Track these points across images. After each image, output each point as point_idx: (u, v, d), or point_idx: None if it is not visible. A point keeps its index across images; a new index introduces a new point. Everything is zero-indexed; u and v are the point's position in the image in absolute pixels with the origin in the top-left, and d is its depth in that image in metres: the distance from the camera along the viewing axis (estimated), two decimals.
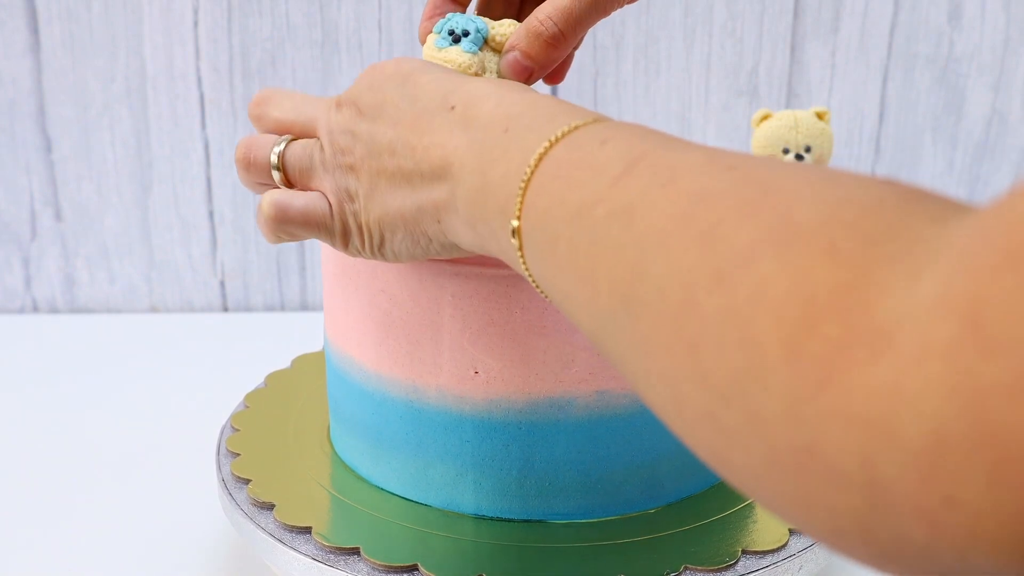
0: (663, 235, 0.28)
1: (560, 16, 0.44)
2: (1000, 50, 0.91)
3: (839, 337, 0.23)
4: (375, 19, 0.87)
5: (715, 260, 0.26)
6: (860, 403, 0.22)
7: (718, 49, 0.90)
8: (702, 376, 0.26)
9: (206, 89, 0.88)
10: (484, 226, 0.36)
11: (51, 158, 0.89)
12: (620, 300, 0.29)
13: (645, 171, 0.31)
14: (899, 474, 0.21)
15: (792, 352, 0.23)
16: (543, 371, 0.47)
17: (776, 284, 0.24)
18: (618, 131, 0.34)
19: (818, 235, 0.25)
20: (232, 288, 0.94)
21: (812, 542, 0.48)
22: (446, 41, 0.45)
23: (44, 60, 0.87)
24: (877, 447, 0.21)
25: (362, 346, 0.51)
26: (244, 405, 0.61)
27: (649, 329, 0.28)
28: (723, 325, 0.25)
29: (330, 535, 0.48)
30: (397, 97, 0.40)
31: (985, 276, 0.20)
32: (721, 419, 0.25)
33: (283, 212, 0.43)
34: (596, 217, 0.31)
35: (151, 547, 0.58)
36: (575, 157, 0.33)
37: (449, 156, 0.38)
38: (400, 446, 0.51)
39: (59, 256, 0.92)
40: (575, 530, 0.49)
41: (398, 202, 0.40)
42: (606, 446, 0.48)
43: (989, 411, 0.20)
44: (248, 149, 0.45)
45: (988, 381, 0.20)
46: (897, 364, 0.21)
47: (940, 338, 0.21)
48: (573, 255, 0.32)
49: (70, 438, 0.70)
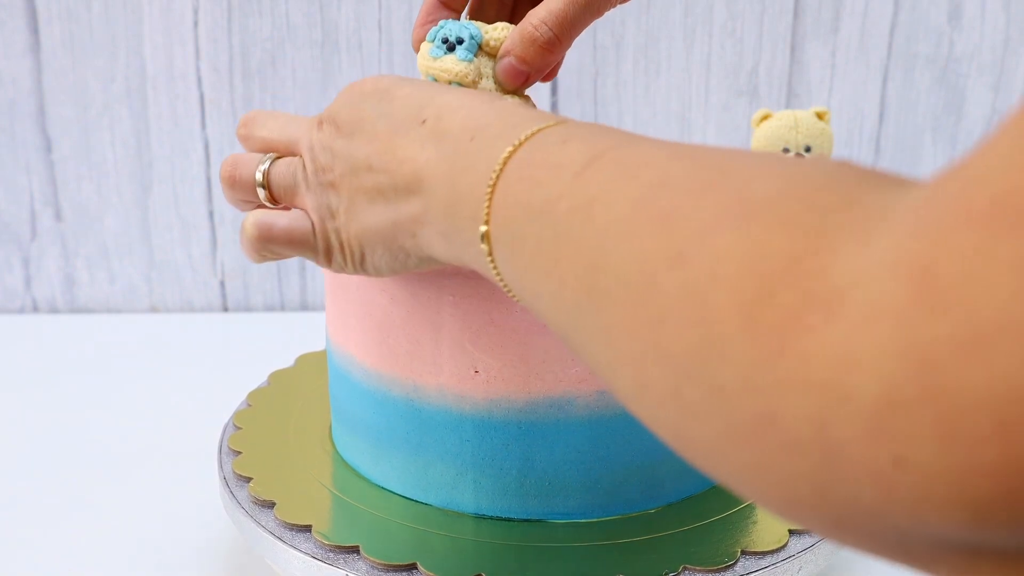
0: (623, 222, 0.29)
1: (554, 20, 0.44)
2: (1000, 50, 0.91)
3: (794, 304, 0.23)
4: (375, 19, 0.87)
5: (674, 240, 0.27)
6: (814, 368, 0.22)
7: (718, 49, 0.90)
8: (664, 354, 0.26)
9: (206, 89, 0.89)
10: (457, 236, 0.37)
11: (51, 158, 0.89)
12: (584, 291, 0.30)
13: (606, 165, 0.31)
14: (851, 436, 0.21)
15: (749, 322, 0.24)
16: (543, 371, 0.47)
17: (733, 257, 0.25)
18: (580, 130, 0.34)
19: (773, 208, 0.25)
20: (232, 288, 0.94)
21: (812, 543, 0.48)
22: (441, 50, 0.45)
23: (44, 60, 0.87)
24: (831, 410, 0.22)
25: (363, 345, 0.51)
26: (247, 403, 0.61)
27: (612, 315, 0.28)
28: (683, 302, 0.26)
29: (330, 534, 0.48)
30: (374, 114, 0.41)
31: (934, 237, 0.21)
32: (683, 395, 0.26)
33: (267, 232, 0.44)
34: (559, 212, 0.31)
35: (153, 546, 0.59)
36: (538, 158, 0.34)
37: (421, 170, 0.38)
38: (400, 445, 0.51)
39: (59, 256, 0.92)
40: (575, 530, 0.49)
41: (376, 218, 0.41)
42: (606, 446, 0.48)
43: (938, 370, 0.20)
44: (234, 167, 0.46)
45: (937, 340, 0.20)
46: (849, 326, 0.21)
47: (890, 299, 0.21)
48: (538, 252, 0.32)
49: (70, 438, 0.70)
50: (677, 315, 0.26)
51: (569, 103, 0.91)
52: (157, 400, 0.76)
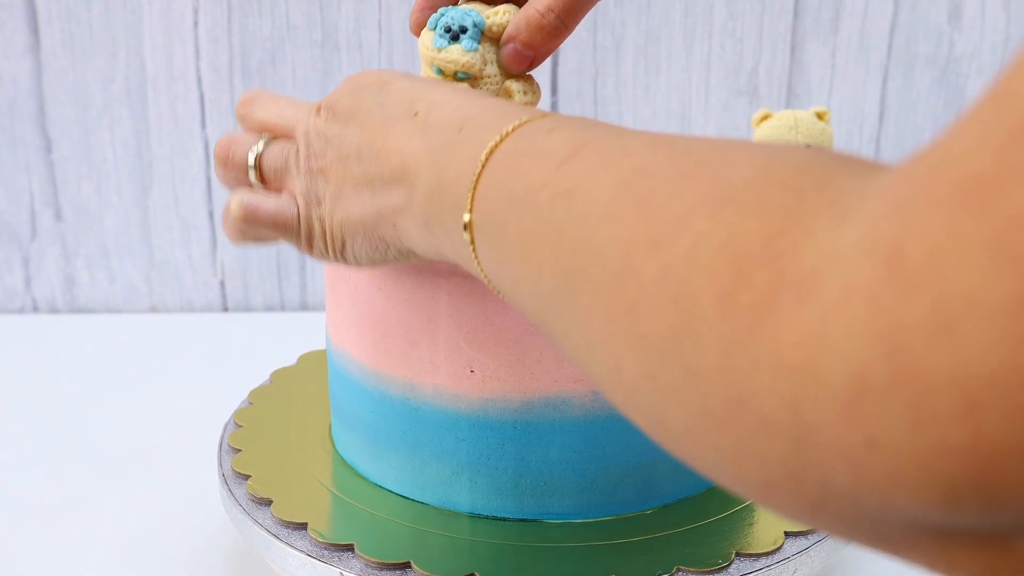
0: (603, 208, 0.29)
1: (561, 6, 0.44)
2: (1000, 50, 0.90)
3: (768, 285, 0.23)
4: (375, 19, 0.88)
5: (652, 225, 0.27)
6: (788, 349, 0.22)
7: (718, 49, 0.90)
8: (640, 338, 0.26)
9: (206, 89, 0.89)
10: (439, 226, 0.37)
11: (51, 158, 0.89)
12: (563, 277, 0.30)
13: (589, 155, 0.31)
14: (824, 418, 0.21)
15: (724, 304, 0.24)
16: (539, 370, 0.47)
17: (709, 241, 0.25)
18: (565, 122, 0.35)
19: (749, 193, 0.25)
20: (232, 288, 0.94)
21: (808, 545, 0.48)
22: (444, 40, 0.44)
23: (44, 60, 0.87)
24: (803, 392, 0.22)
25: (360, 344, 0.51)
26: (248, 402, 0.61)
27: (590, 301, 0.29)
28: (659, 286, 0.26)
29: (326, 531, 0.48)
30: (370, 104, 0.41)
31: (905, 217, 0.21)
32: (659, 379, 0.26)
33: (252, 214, 0.44)
34: (541, 200, 0.32)
35: (153, 546, 0.59)
36: (523, 147, 0.34)
37: (407, 161, 0.39)
38: (397, 444, 0.51)
39: (59, 256, 0.92)
40: (570, 530, 0.49)
41: (359, 207, 0.41)
42: (602, 446, 0.48)
43: (909, 351, 0.20)
44: (228, 146, 0.47)
45: (908, 320, 0.20)
46: (822, 307, 0.21)
47: (862, 279, 0.21)
48: (519, 239, 0.33)
49: (70, 438, 0.70)
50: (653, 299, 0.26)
51: (569, 103, 0.91)
52: (157, 400, 0.76)
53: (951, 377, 0.19)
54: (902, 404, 0.20)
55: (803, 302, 0.22)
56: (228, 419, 0.59)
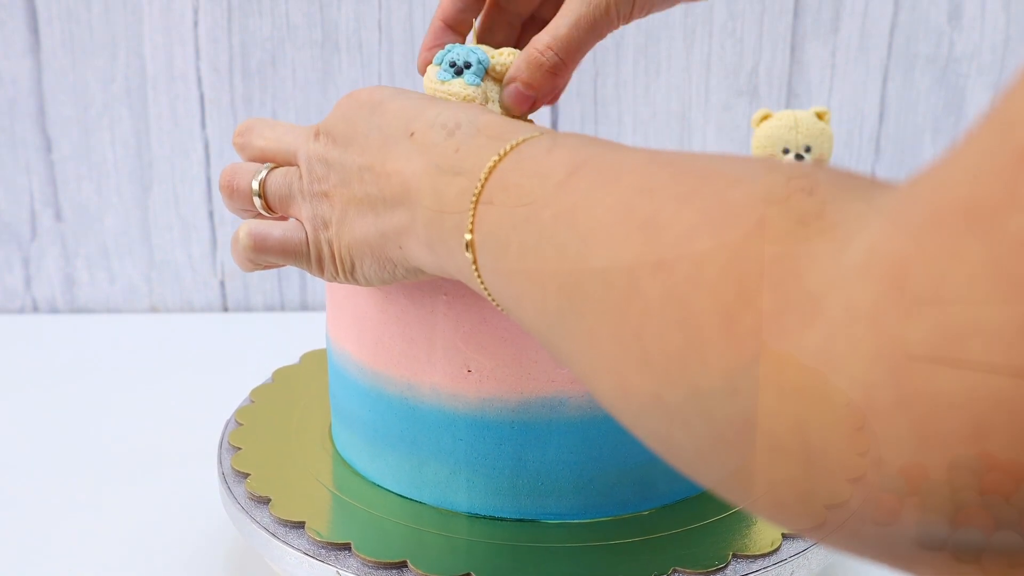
0: (605, 229, 0.29)
1: (560, 45, 0.44)
2: (1000, 50, 0.90)
3: (772, 308, 0.23)
4: (375, 19, 0.88)
5: (655, 247, 0.27)
6: (793, 370, 0.22)
7: (718, 49, 0.90)
8: (646, 360, 0.26)
9: (206, 89, 0.89)
10: (442, 246, 0.37)
11: (51, 158, 0.89)
12: (567, 297, 0.30)
13: (589, 173, 0.31)
14: (831, 440, 0.21)
15: (729, 325, 0.24)
16: (536, 371, 0.47)
17: (712, 263, 0.25)
18: (564, 140, 0.35)
19: (751, 213, 0.25)
20: (232, 288, 0.94)
21: (805, 547, 0.47)
22: (448, 73, 0.46)
23: (44, 60, 0.87)
24: (809, 413, 0.22)
25: (359, 343, 0.51)
26: (249, 400, 0.61)
27: (595, 321, 0.28)
28: (664, 308, 0.26)
29: (323, 530, 0.48)
30: (367, 126, 0.42)
31: (907, 239, 0.21)
32: (665, 400, 0.26)
33: (261, 242, 0.45)
34: (543, 220, 0.32)
35: (154, 546, 0.59)
36: (523, 167, 0.34)
37: (408, 181, 0.39)
38: (396, 443, 0.51)
39: (59, 256, 0.92)
40: (567, 530, 0.49)
41: (365, 229, 0.41)
42: (599, 447, 0.48)
43: (913, 371, 0.20)
44: (231, 177, 0.47)
45: (912, 341, 0.20)
46: (826, 329, 0.21)
47: (866, 300, 0.21)
48: (522, 259, 0.33)
49: (70, 438, 0.70)
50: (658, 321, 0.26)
51: (569, 103, 0.91)
52: (156, 400, 0.76)
53: (957, 399, 0.19)
54: (908, 424, 0.20)
55: (807, 324, 0.22)
56: (229, 417, 0.59)
